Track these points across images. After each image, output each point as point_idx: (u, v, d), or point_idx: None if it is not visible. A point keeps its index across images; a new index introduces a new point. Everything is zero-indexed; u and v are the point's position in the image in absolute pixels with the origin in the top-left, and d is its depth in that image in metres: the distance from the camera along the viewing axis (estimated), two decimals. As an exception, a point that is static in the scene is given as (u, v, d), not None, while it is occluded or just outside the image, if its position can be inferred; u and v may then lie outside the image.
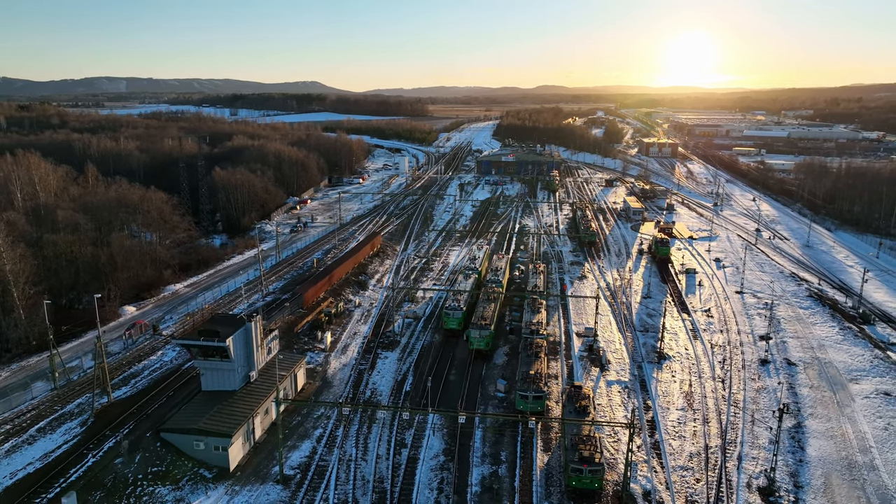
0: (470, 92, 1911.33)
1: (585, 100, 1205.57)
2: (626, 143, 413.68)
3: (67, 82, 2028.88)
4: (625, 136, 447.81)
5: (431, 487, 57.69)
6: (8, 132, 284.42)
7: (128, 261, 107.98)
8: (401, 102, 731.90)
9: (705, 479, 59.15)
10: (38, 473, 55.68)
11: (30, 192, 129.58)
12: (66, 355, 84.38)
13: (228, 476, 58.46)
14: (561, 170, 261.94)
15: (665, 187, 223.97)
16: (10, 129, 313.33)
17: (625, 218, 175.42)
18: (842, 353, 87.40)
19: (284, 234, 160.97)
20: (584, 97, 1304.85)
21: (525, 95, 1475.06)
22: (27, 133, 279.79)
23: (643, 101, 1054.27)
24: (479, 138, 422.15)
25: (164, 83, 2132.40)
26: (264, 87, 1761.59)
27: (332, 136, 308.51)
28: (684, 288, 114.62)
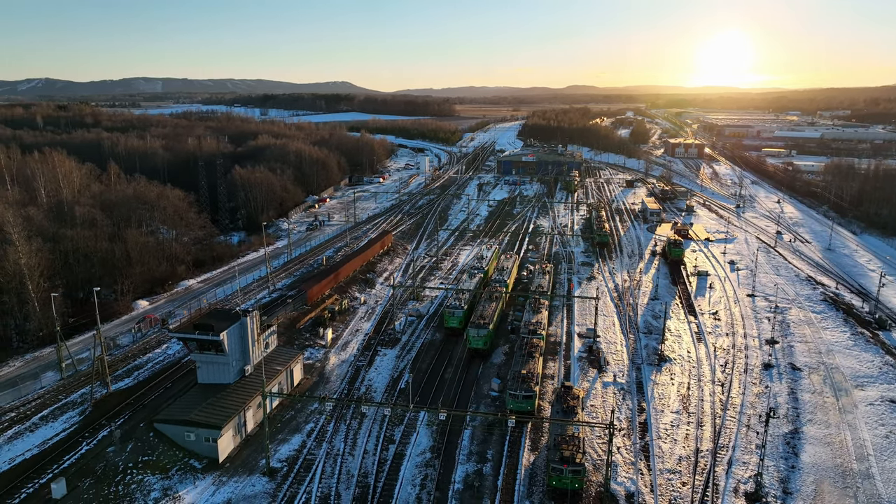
0: (499, 92, 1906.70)
1: (616, 100, 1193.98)
2: (653, 143, 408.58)
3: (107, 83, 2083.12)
4: (651, 137, 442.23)
5: (414, 483, 58.13)
6: (43, 131, 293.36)
7: (142, 256, 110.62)
8: (428, 102, 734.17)
9: (692, 482, 58.44)
10: (34, 459, 57.69)
11: (53, 189, 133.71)
12: (78, 347, 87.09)
13: (217, 467, 59.74)
14: (582, 170, 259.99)
15: (686, 188, 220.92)
16: (46, 128, 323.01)
17: (642, 219, 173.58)
18: (850, 358, 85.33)
19: (301, 231, 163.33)
20: (615, 97, 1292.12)
21: (555, 96, 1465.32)
22: (60, 132, 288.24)
23: (674, 101, 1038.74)
24: (503, 138, 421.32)
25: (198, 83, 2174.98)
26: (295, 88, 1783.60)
27: (356, 135, 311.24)
28: (694, 290, 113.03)
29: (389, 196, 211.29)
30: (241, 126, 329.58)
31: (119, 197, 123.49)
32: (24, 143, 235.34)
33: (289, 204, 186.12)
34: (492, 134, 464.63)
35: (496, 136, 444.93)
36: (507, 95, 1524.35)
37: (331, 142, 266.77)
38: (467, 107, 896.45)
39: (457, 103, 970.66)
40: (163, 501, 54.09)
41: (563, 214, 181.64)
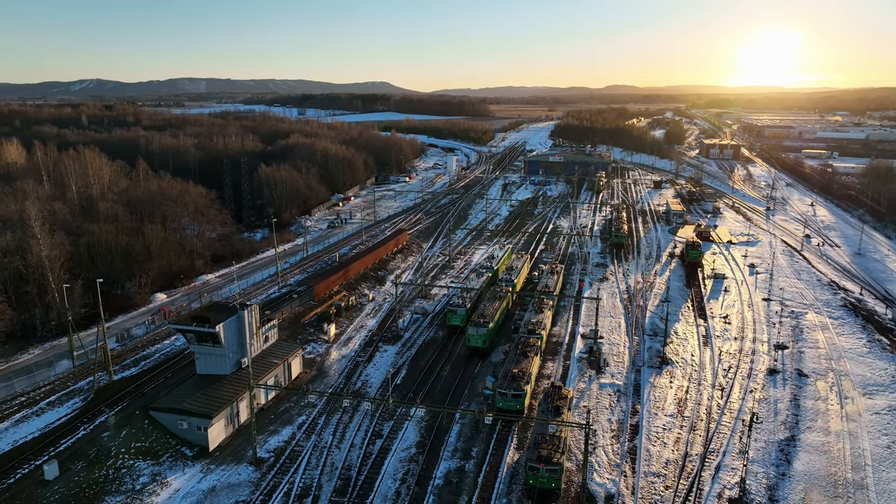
0: (537, 92, 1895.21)
1: (655, 100, 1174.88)
2: (688, 144, 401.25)
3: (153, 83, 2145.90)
4: (688, 138, 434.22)
5: (396, 478, 58.82)
6: (86, 130, 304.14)
7: (161, 251, 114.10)
8: (463, 102, 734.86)
9: (675, 486, 57.65)
10: (34, 442, 60.39)
11: (84, 185, 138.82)
12: (93, 337, 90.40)
13: (207, 455, 61.51)
14: (609, 171, 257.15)
15: (714, 190, 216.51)
16: (90, 126, 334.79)
17: (665, 221, 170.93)
18: (862, 365, 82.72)
19: (322, 229, 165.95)
20: (655, 97, 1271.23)
21: (593, 96, 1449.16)
22: (101, 131, 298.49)
23: (716, 101, 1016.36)
24: (534, 138, 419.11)
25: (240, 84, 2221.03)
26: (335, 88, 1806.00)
27: (386, 134, 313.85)
28: (708, 293, 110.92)
29: (415, 195, 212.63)
30: (275, 125, 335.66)
31: (143, 193, 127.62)
32: (68, 140, 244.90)
33: (313, 202, 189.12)
34: (524, 134, 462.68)
35: (528, 136, 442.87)
36: (545, 95, 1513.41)
37: (359, 141, 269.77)
38: (503, 107, 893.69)
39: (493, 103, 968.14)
40: (150, 486, 56.03)
41: (584, 215, 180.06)
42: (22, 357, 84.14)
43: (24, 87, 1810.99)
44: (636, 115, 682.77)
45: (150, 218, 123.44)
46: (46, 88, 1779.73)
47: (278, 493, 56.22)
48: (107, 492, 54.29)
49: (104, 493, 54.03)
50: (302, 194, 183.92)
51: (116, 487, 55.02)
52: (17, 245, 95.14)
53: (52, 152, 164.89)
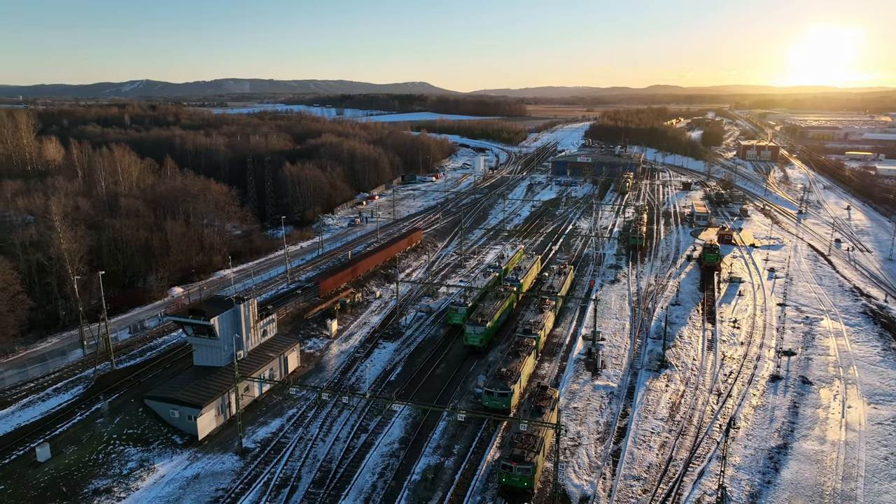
0: (578, 92, 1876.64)
1: (698, 100, 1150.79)
2: (726, 145, 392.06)
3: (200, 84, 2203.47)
4: (726, 139, 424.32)
5: (374, 472, 59.58)
6: (128, 129, 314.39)
7: (180, 246, 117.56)
8: (499, 103, 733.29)
9: (654, 491, 56.90)
10: (34, 425, 63.23)
11: (113, 182, 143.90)
12: (111, 327, 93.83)
13: (196, 444, 63.37)
14: (637, 172, 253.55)
15: (744, 192, 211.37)
16: (132, 126, 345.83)
17: (688, 223, 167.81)
18: (873, 374, 79.94)
19: (343, 227, 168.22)
20: (698, 98, 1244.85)
21: (634, 96, 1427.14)
22: (141, 130, 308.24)
23: (761, 101, 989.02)
24: (568, 139, 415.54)
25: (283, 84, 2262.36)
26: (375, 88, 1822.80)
27: (416, 134, 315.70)
28: (721, 297, 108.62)
29: (436, 195, 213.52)
30: (309, 125, 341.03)
31: (165, 189, 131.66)
32: (109, 139, 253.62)
33: (337, 200, 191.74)
34: (558, 134, 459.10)
35: (562, 136, 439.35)
36: (585, 96, 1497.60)
37: (388, 141, 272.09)
38: (541, 107, 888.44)
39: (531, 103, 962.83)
40: (137, 471, 58.08)
41: (606, 217, 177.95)
42: (40, 345, 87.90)
43: (78, 88, 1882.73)
44: (676, 115, 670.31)
45: (171, 214, 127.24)
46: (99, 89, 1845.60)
47: (258, 483, 57.61)
48: (94, 475, 56.53)
49: (91, 477, 56.28)
50: (325, 192, 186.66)
51: (104, 471, 57.23)
52: (39, 238, 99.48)
53: (87, 150, 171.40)
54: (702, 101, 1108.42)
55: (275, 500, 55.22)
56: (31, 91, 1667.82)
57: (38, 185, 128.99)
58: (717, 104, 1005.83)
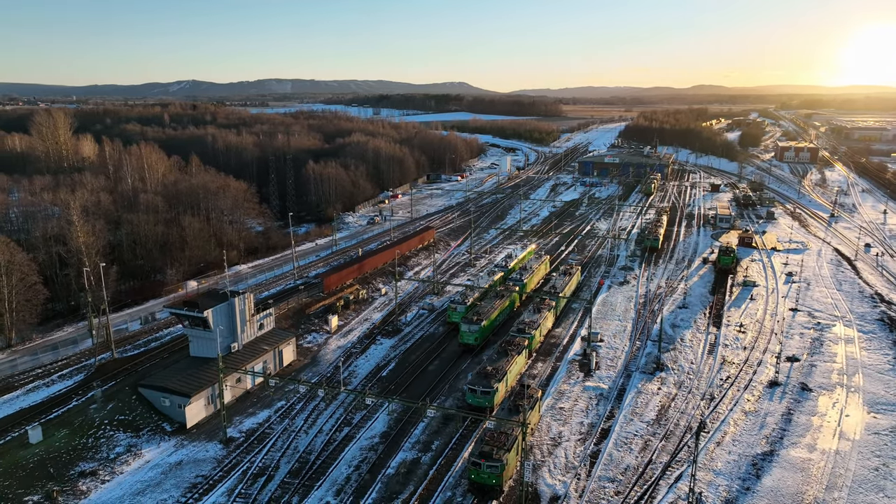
0: (618, 92, 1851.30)
1: (743, 101, 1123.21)
2: (765, 147, 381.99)
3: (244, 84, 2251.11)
4: (765, 140, 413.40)
5: (351, 465, 60.53)
6: (165, 128, 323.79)
7: (196, 241, 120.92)
8: (535, 102, 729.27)
9: (627, 493, 56.33)
10: (33, 408, 66.26)
11: (139, 179, 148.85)
12: (123, 319, 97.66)
13: (185, 432, 65.40)
14: (666, 173, 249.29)
15: (775, 194, 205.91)
16: (171, 125, 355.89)
17: (711, 225, 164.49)
18: (878, 383, 77.31)
19: (362, 225, 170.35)
20: (742, 98, 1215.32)
21: (676, 96, 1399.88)
22: (177, 128, 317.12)
23: (808, 101, 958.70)
24: (601, 139, 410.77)
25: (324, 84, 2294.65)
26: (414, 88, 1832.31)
27: (444, 133, 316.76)
28: (731, 301, 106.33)
29: (459, 194, 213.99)
30: (340, 124, 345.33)
31: (186, 186, 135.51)
32: (147, 137, 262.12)
33: (359, 198, 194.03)
34: (592, 135, 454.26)
35: (595, 137, 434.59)
36: (626, 96, 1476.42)
37: (415, 140, 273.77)
38: (578, 107, 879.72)
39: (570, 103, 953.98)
40: (124, 456, 60.32)
41: (626, 218, 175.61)
42: (56, 334, 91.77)
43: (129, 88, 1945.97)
44: (716, 116, 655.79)
45: (190, 210, 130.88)
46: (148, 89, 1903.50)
47: (237, 471, 59.17)
48: (82, 458, 58.97)
49: (79, 459, 58.72)
50: (347, 191, 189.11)
51: (92, 455, 59.64)
52: (60, 231, 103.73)
53: (119, 147, 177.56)
54: (746, 102, 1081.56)
55: (250, 488, 56.65)
56: (85, 91, 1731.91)
57: (67, 181, 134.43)
58: (762, 105, 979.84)
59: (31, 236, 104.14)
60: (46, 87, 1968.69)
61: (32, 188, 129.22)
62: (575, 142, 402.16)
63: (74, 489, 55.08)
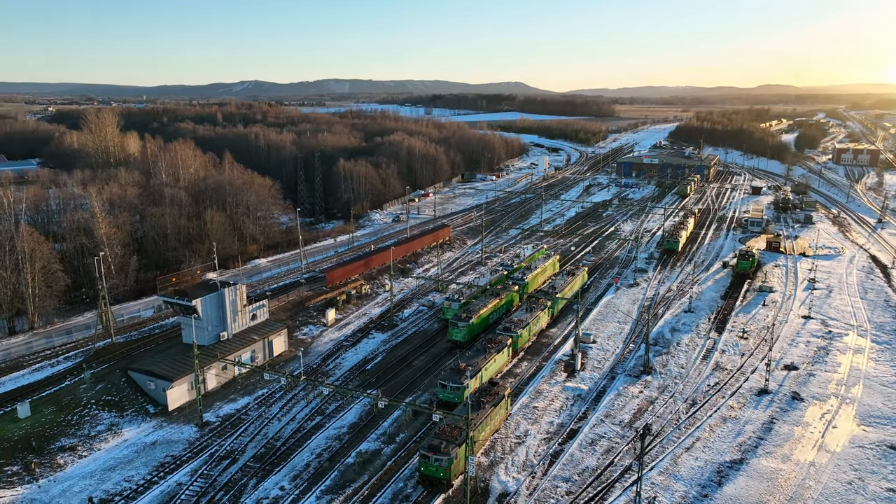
0: (678, 92, 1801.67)
1: (812, 101, 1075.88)
2: (824, 148, 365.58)
3: (303, 84, 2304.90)
4: (825, 142, 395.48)
5: (314, 452, 62.21)
6: (215, 126, 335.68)
7: (217, 234, 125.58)
8: (587, 102, 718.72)
9: (579, 493, 55.87)
10: (30, 386, 70.75)
11: (172, 174, 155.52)
12: (138, 307, 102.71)
13: (166, 414, 68.59)
14: (707, 174, 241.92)
15: (819, 197, 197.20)
16: (222, 123, 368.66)
17: (742, 228, 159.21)
18: (878, 395, 73.73)
19: (387, 222, 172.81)
20: (811, 98, 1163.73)
21: (740, 96, 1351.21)
22: (227, 126, 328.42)
23: (883, 101, 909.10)
24: (649, 140, 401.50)
25: (380, 84, 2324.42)
26: (470, 88, 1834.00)
27: (482, 133, 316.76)
28: (742, 306, 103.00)
29: (490, 194, 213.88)
30: (384, 123, 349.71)
31: (212, 182, 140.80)
32: (197, 135, 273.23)
33: (389, 196, 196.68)
34: (641, 135, 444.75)
35: (643, 137, 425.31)
36: (687, 96, 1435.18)
37: (452, 139, 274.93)
38: (634, 107, 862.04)
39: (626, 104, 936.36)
40: (104, 434, 63.86)
41: (654, 220, 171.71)
42: (74, 319, 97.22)
43: (195, 88, 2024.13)
44: (778, 116, 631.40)
45: (213, 205, 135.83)
46: (213, 90, 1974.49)
47: (205, 453, 61.73)
48: (64, 434, 62.79)
49: (61, 435, 62.56)
50: (377, 189, 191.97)
51: (74, 431, 63.41)
52: (85, 223, 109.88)
53: (159, 144, 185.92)
54: (815, 102, 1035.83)
55: (213, 470, 59.06)
56: (156, 91, 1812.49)
57: (103, 175, 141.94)
58: (832, 105, 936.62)
59: (60, 227, 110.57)
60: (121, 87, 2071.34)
61: (71, 182, 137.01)
62: (621, 142, 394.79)
63: (52, 462, 58.77)
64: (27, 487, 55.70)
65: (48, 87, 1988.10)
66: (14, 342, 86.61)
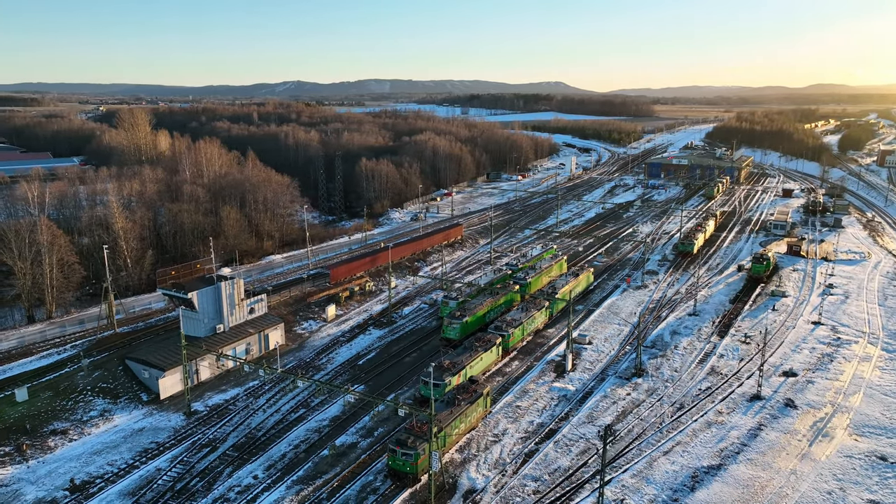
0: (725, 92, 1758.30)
1: (866, 100, 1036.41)
2: (869, 150, 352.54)
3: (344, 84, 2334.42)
4: (871, 143, 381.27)
5: (292, 443, 63.52)
6: (249, 125, 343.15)
7: (232, 230, 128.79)
8: (625, 102, 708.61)
9: (546, 492, 55.68)
10: (34, 371, 74.03)
11: (196, 171, 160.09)
12: (151, 299, 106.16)
13: (158, 402, 70.96)
14: (737, 175, 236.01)
15: (850, 201, 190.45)
16: (257, 122, 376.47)
17: (766, 231, 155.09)
18: (877, 405, 71.23)
19: (406, 221, 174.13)
20: (865, 97, 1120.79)
21: (789, 96, 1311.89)
22: (261, 125, 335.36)
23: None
24: (685, 140, 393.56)
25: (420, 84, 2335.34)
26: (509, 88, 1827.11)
27: (510, 132, 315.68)
28: (749, 311, 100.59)
29: (513, 193, 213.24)
30: (415, 123, 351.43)
31: (231, 179, 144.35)
32: (231, 134, 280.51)
33: (409, 195, 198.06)
34: (678, 136, 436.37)
35: (679, 137, 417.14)
36: (732, 95, 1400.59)
37: (479, 139, 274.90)
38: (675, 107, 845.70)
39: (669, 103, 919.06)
40: (96, 419, 66.49)
41: (676, 222, 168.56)
42: (88, 310, 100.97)
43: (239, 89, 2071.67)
44: (826, 116, 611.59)
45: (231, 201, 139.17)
46: (257, 90, 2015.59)
47: (188, 441, 63.69)
48: (57, 417, 65.63)
49: (54, 418, 65.40)
50: (397, 188, 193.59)
51: (67, 416, 66.19)
52: (104, 218, 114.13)
53: (186, 143, 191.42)
54: (869, 102, 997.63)
55: (192, 457, 60.91)
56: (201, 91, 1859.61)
57: (128, 172, 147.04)
58: (887, 105, 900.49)
59: (80, 222, 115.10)
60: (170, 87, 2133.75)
61: (96, 178, 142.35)
62: (656, 143, 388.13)
63: (43, 444, 61.54)
64: (17, 467, 58.46)
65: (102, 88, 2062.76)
66: (30, 330, 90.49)
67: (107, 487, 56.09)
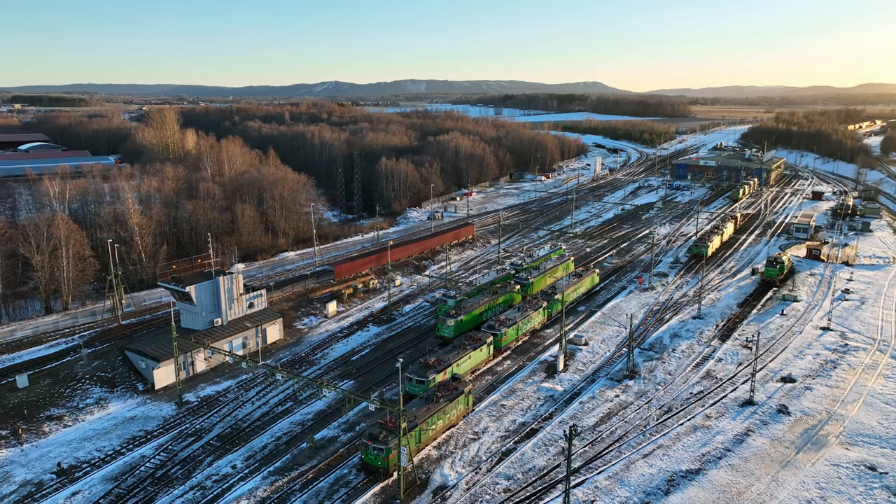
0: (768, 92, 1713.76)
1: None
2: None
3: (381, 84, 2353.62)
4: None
5: (274, 435, 64.77)
6: (280, 125, 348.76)
7: (247, 227, 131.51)
8: (661, 103, 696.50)
9: (517, 490, 55.61)
10: (39, 359, 77.01)
11: (216, 169, 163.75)
12: (161, 294, 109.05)
13: (153, 392, 73.12)
14: (766, 177, 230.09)
15: (882, 205, 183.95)
16: (288, 122, 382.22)
17: (788, 234, 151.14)
18: (876, 414, 69.03)
19: (422, 220, 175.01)
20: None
21: (835, 96, 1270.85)
22: (290, 125, 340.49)
23: None
24: (717, 141, 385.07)
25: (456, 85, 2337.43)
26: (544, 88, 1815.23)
27: (536, 132, 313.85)
28: (756, 315, 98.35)
29: (533, 194, 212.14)
30: (442, 123, 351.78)
31: (248, 177, 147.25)
32: (262, 134, 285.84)
33: (429, 195, 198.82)
34: (712, 136, 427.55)
35: (713, 138, 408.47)
36: (776, 96, 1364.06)
37: (504, 139, 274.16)
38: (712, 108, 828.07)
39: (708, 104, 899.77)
40: (91, 406, 68.87)
41: (694, 223, 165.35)
42: (103, 302, 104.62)
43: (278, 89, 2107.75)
44: (872, 117, 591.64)
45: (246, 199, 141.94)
46: (295, 90, 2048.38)
47: (175, 429, 65.52)
48: (54, 404, 68.20)
49: (51, 405, 67.98)
50: (417, 187, 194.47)
51: (64, 402, 68.73)
52: (121, 214, 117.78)
53: (210, 141, 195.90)
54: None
55: (177, 445, 62.65)
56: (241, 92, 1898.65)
57: (151, 169, 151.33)
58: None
59: (98, 217, 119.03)
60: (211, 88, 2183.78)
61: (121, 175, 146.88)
62: (688, 143, 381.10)
63: (38, 429, 64.07)
64: (11, 450, 61.03)
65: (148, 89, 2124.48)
66: (45, 321, 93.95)
67: (91, 472, 58.14)
